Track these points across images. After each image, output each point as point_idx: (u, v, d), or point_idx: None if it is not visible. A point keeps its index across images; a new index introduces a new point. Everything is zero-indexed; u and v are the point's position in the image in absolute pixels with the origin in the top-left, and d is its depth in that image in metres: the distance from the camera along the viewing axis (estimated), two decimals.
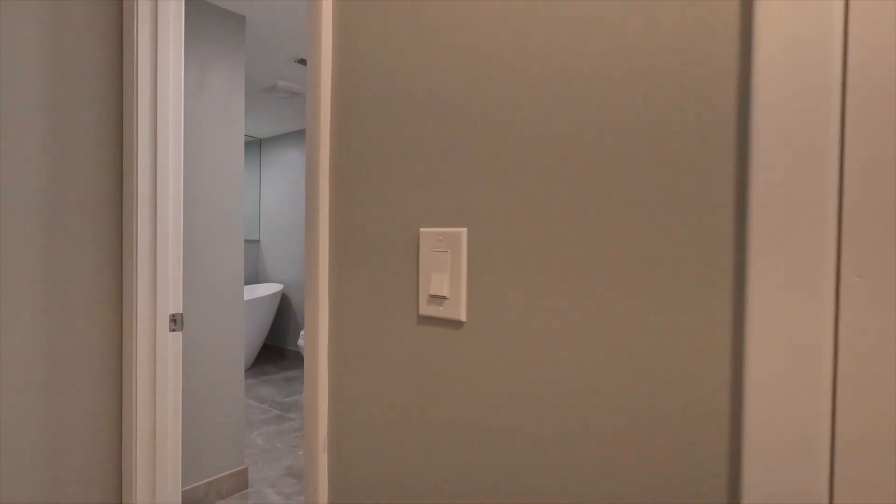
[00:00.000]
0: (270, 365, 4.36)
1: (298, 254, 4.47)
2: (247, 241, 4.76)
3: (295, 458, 2.55)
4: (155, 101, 1.36)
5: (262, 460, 2.53)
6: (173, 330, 1.43)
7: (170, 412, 1.41)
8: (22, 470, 1.23)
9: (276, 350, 4.70)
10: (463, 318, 0.61)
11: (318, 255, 0.79)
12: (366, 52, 0.72)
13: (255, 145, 4.83)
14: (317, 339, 0.79)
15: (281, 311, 4.64)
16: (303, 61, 2.61)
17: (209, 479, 2.10)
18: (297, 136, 4.47)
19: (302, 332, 3.56)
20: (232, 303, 2.18)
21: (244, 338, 2.26)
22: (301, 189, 4.43)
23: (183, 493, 2.00)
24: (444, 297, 0.62)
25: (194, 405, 2.05)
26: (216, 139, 2.08)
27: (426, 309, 0.64)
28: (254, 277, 4.80)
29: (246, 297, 4.09)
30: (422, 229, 0.65)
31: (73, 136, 1.28)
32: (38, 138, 1.22)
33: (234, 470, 2.19)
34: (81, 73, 1.29)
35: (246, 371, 4.17)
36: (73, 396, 1.31)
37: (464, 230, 0.61)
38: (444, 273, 0.62)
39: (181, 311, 1.45)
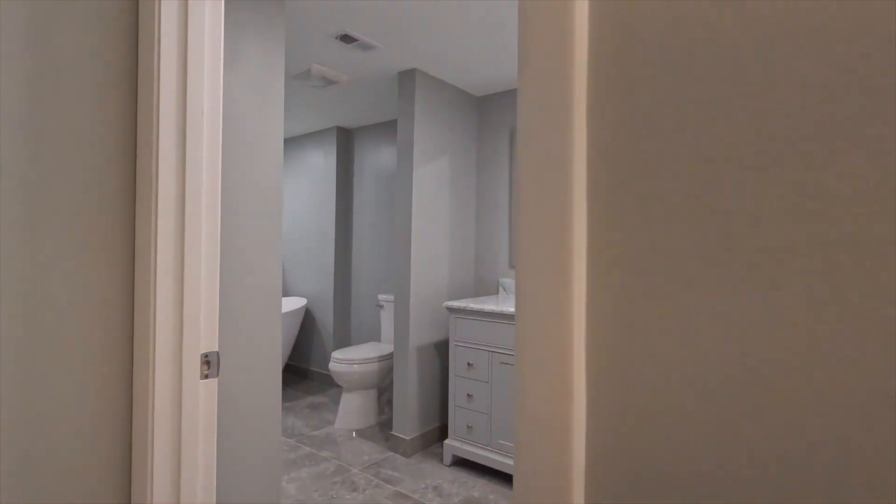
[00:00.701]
0: (293, 388, 3.95)
1: (322, 265, 4.06)
2: None
3: None
4: (185, 59, 0.96)
5: None
6: (207, 376, 1.02)
7: (199, 496, 0.99)
8: None
9: (300, 371, 4.28)
10: None
11: (570, 300, 0.37)
12: None
13: None
14: None
15: (304, 328, 4.23)
16: (346, 38, 2.22)
17: None
18: (322, 135, 4.09)
19: (333, 354, 3.14)
20: (269, 330, 1.77)
21: (280, 373, 1.84)
22: (325, 195, 4.04)
23: None
24: None
25: (220, 460, 1.63)
26: (252, 125, 1.68)
27: None
28: None
29: None
30: None
31: (64, 104, 0.88)
32: (6, 109, 0.82)
33: None
34: (76, 17, 0.89)
35: None
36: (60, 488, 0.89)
37: None
38: None
39: (217, 349, 1.04)
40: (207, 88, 0.95)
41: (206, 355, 1.01)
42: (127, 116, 0.95)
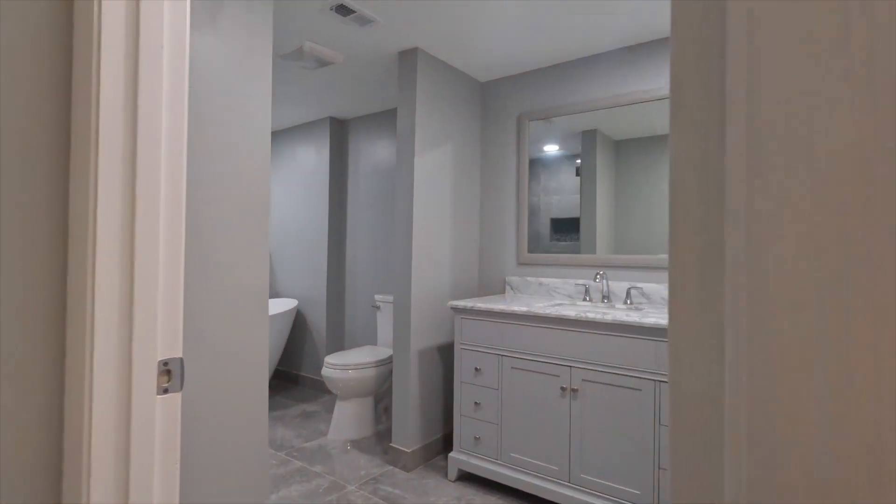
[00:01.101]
0: (283, 396, 3.70)
1: (314, 265, 3.83)
2: None
3: None
4: None
5: None
6: (166, 390, 0.79)
7: None
8: None
9: (290, 377, 4.03)
10: None
11: None
12: None
13: None
14: None
15: (295, 331, 3.99)
16: (342, 9, 2.00)
17: None
18: (314, 127, 3.87)
19: (326, 359, 2.91)
20: (255, 333, 1.54)
21: (267, 381, 1.62)
22: (317, 190, 3.81)
23: None
24: None
25: (195, 482, 1.40)
26: (235, 94, 1.46)
27: None
28: None
29: None
30: None
31: None
32: None
33: None
34: None
35: None
36: None
37: None
38: None
39: (180, 356, 0.82)
40: (168, 12, 0.73)
41: (165, 363, 0.79)
42: (63, 46, 0.73)
